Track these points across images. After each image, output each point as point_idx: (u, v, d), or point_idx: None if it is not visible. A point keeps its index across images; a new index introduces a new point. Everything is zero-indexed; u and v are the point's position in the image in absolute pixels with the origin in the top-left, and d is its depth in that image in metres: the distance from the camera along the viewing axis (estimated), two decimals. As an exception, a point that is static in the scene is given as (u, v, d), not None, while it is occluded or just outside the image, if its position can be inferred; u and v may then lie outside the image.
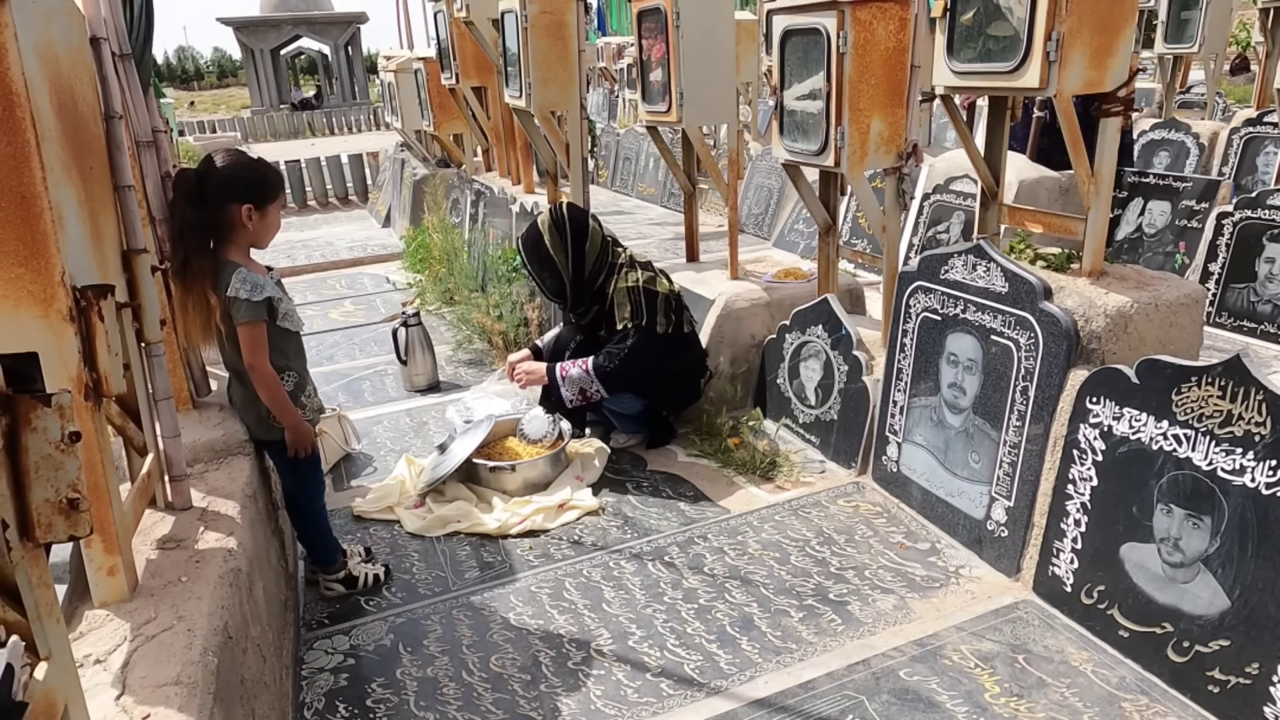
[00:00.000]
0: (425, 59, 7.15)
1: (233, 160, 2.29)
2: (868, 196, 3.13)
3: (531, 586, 2.66)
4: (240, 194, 2.24)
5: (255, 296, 2.24)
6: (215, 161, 2.27)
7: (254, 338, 2.27)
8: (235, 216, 2.25)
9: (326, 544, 2.62)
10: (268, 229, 2.35)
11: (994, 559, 2.59)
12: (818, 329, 3.40)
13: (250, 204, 2.26)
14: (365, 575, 2.65)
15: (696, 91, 3.60)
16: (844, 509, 2.99)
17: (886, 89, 2.95)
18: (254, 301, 2.24)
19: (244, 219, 2.26)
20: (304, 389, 2.46)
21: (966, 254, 2.62)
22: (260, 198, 2.28)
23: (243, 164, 2.30)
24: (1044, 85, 2.21)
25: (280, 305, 2.33)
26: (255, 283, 2.26)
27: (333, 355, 5.04)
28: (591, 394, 3.31)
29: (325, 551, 2.62)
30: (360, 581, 2.63)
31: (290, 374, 2.41)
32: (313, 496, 2.61)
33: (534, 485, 3.16)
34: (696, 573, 2.68)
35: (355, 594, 2.62)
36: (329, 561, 2.62)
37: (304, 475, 2.55)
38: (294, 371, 2.43)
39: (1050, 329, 2.36)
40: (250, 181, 2.28)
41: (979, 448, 2.65)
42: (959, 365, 2.70)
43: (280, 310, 2.34)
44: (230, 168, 2.26)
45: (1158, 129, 7.38)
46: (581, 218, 3.34)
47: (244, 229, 2.28)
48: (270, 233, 2.38)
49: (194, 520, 1.93)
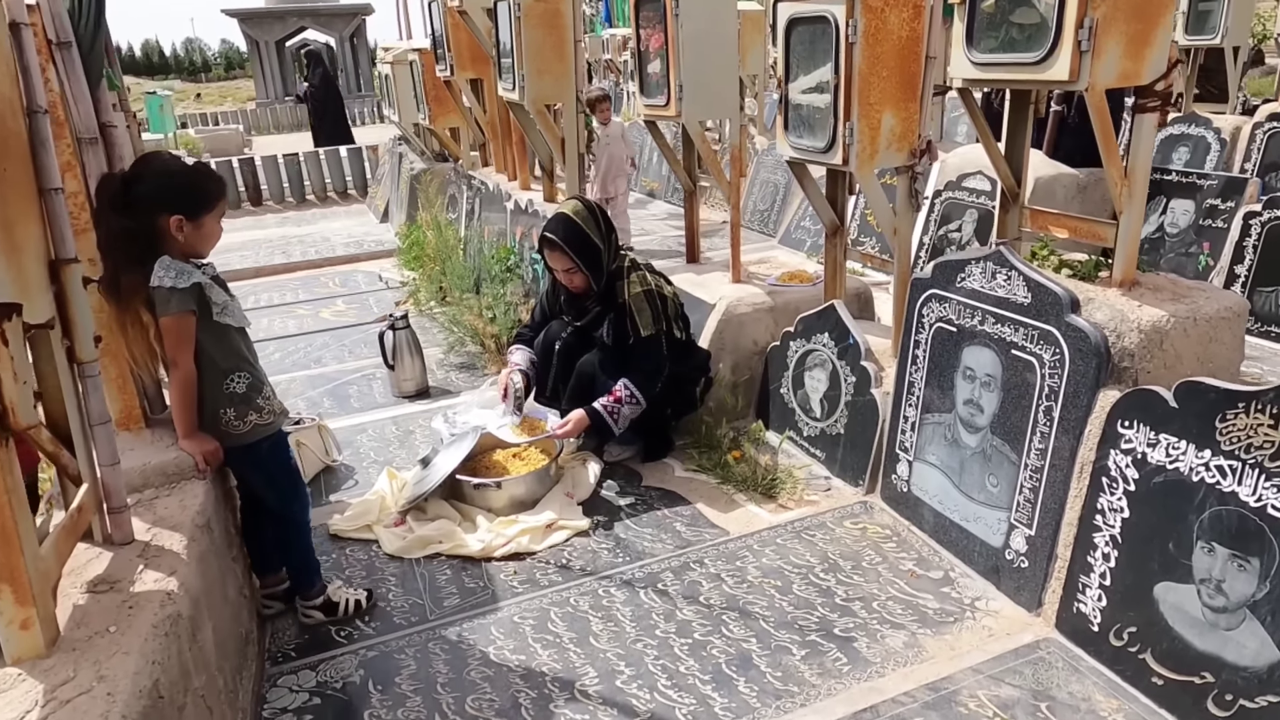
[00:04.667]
0: (421, 50, 6.96)
1: (164, 166, 2.10)
2: (878, 197, 2.93)
3: (514, 616, 2.47)
4: (169, 203, 2.04)
5: (181, 283, 2.04)
6: (146, 166, 2.09)
7: (177, 330, 2.07)
8: (164, 228, 2.05)
9: (308, 566, 2.45)
10: (203, 240, 2.14)
11: (1013, 591, 2.40)
12: (824, 336, 3.20)
13: (181, 215, 2.05)
14: (346, 601, 2.46)
15: (697, 85, 3.40)
16: (851, 531, 2.80)
17: (899, 81, 2.74)
18: (180, 289, 2.04)
19: (173, 231, 2.06)
20: (260, 390, 2.25)
21: (985, 261, 2.42)
22: (193, 208, 2.07)
23: (174, 170, 2.10)
24: (1074, 78, 2.01)
25: (212, 296, 2.12)
26: (180, 269, 2.06)
27: (320, 358, 4.86)
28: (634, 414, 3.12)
29: (306, 574, 2.44)
30: (341, 608, 2.45)
31: (241, 375, 2.20)
32: (298, 512, 2.43)
33: (521, 503, 2.98)
34: (691, 603, 2.49)
35: (334, 621, 2.44)
36: (308, 585, 2.44)
37: (282, 488, 2.37)
38: (244, 372, 2.21)
39: (1078, 345, 2.16)
40: (181, 190, 2.07)
41: (997, 470, 2.45)
42: (976, 381, 2.50)
43: (215, 303, 2.13)
44: (159, 175, 2.06)
45: (1177, 123, 7.13)
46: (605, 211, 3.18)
47: (174, 241, 2.08)
48: (208, 243, 2.18)
49: (134, 557, 1.76)
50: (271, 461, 2.30)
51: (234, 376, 2.19)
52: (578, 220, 3.06)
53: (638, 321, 3.06)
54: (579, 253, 3.04)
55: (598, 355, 3.14)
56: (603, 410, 3.02)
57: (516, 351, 3.39)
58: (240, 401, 2.21)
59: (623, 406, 3.03)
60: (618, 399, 3.03)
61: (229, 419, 2.20)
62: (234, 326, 2.20)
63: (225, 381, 2.19)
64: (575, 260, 3.04)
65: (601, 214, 3.12)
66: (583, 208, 3.10)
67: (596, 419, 3.02)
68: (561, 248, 3.03)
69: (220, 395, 2.19)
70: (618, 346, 3.11)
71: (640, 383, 3.04)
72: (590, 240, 3.05)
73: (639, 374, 3.06)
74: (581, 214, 3.08)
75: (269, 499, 2.35)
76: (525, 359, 3.37)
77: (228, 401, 2.19)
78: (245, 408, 2.22)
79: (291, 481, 2.38)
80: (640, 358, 3.08)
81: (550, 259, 3.10)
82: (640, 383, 3.04)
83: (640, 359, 3.08)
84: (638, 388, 3.04)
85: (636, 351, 3.07)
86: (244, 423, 2.22)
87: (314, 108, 13.31)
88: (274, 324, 5.60)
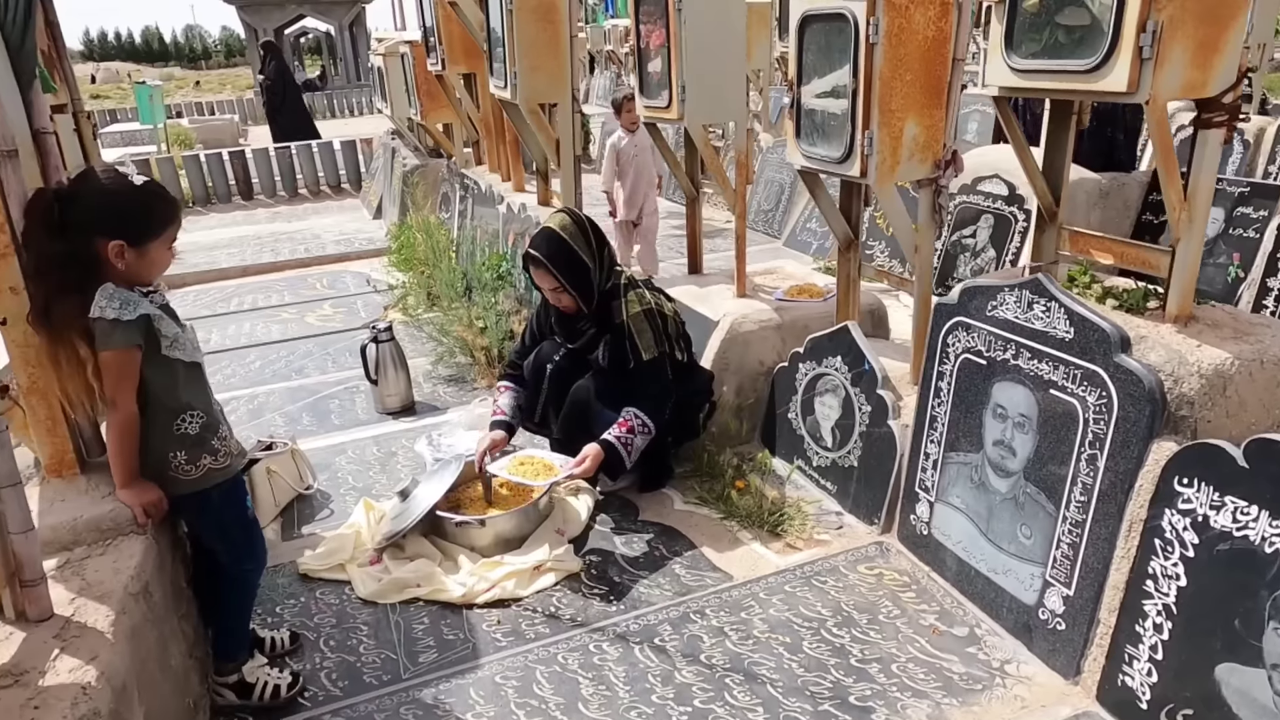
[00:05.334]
0: (412, 43, 6.69)
1: (103, 185, 1.83)
2: (899, 213, 2.68)
3: (496, 676, 2.24)
4: (107, 228, 1.79)
5: (126, 315, 1.80)
6: (84, 183, 1.84)
7: (119, 367, 1.83)
8: (102, 254, 1.80)
9: (237, 636, 2.17)
10: (149, 268, 1.90)
11: (1046, 654, 2.17)
12: (836, 360, 2.96)
13: (122, 240, 1.80)
14: (262, 684, 2.15)
15: (701, 85, 3.15)
16: (865, 578, 2.57)
17: (923, 86, 2.49)
18: (123, 322, 1.80)
19: (112, 257, 1.81)
20: (215, 430, 1.99)
21: (1020, 289, 2.18)
22: (136, 233, 1.82)
23: (115, 190, 1.83)
24: (1133, 89, 1.76)
25: (161, 328, 1.88)
26: (125, 299, 1.81)
27: (302, 367, 4.62)
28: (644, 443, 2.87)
29: (233, 643, 2.16)
30: (256, 691, 2.14)
31: (193, 415, 1.95)
32: (249, 571, 2.17)
33: (507, 541, 2.74)
34: (692, 662, 2.26)
35: (246, 706, 2.14)
36: (230, 657, 2.15)
37: (235, 541, 2.11)
38: (197, 411, 1.96)
39: (1128, 389, 1.92)
40: (123, 212, 1.82)
41: (1031, 520, 2.22)
42: (1008, 420, 2.26)
43: (164, 336, 1.88)
44: (98, 194, 1.81)
45: (1198, 124, 6.86)
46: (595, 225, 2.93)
47: (113, 269, 1.83)
48: (153, 272, 1.93)
49: (49, 638, 1.52)
50: (225, 510, 2.06)
51: (185, 416, 1.95)
52: (564, 235, 2.80)
53: (638, 344, 2.81)
54: (565, 272, 2.78)
55: (593, 381, 2.90)
56: (616, 442, 2.75)
57: (503, 394, 3.11)
58: (192, 444, 1.96)
59: (635, 437, 2.78)
60: (630, 429, 2.77)
61: (179, 463, 1.96)
62: (185, 361, 1.96)
63: (175, 422, 1.94)
64: (560, 280, 2.78)
65: (592, 228, 2.87)
66: (570, 222, 2.85)
67: (610, 452, 2.75)
68: (546, 266, 2.77)
69: (169, 437, 1.94)
70: (615, 370, 2.86)
71: (649, 410, 2.80)
72: (578, 258, 2.80)
73: (645, 400, 2.81)
74: (569, 229, 2.82)
75: (219, 553, 2.09)
76: (509, 405, 3.08)
77: (178, 444, 1.95)
78: (198, 450, 1.97)
79: (247, 535, 2.12)
80: (644, 383, 2.82)
81: (536, 277, 2.85)
82: (649, 410, 2.80)
83: (644, 384, 2.82)
84: (647, 414, 2.79)
85: (639, 377, 2.82)
86: (196, 467, 1.97)
87: (269, 101, 13.05)
88: (257, 329, 5.36)
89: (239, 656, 2.16)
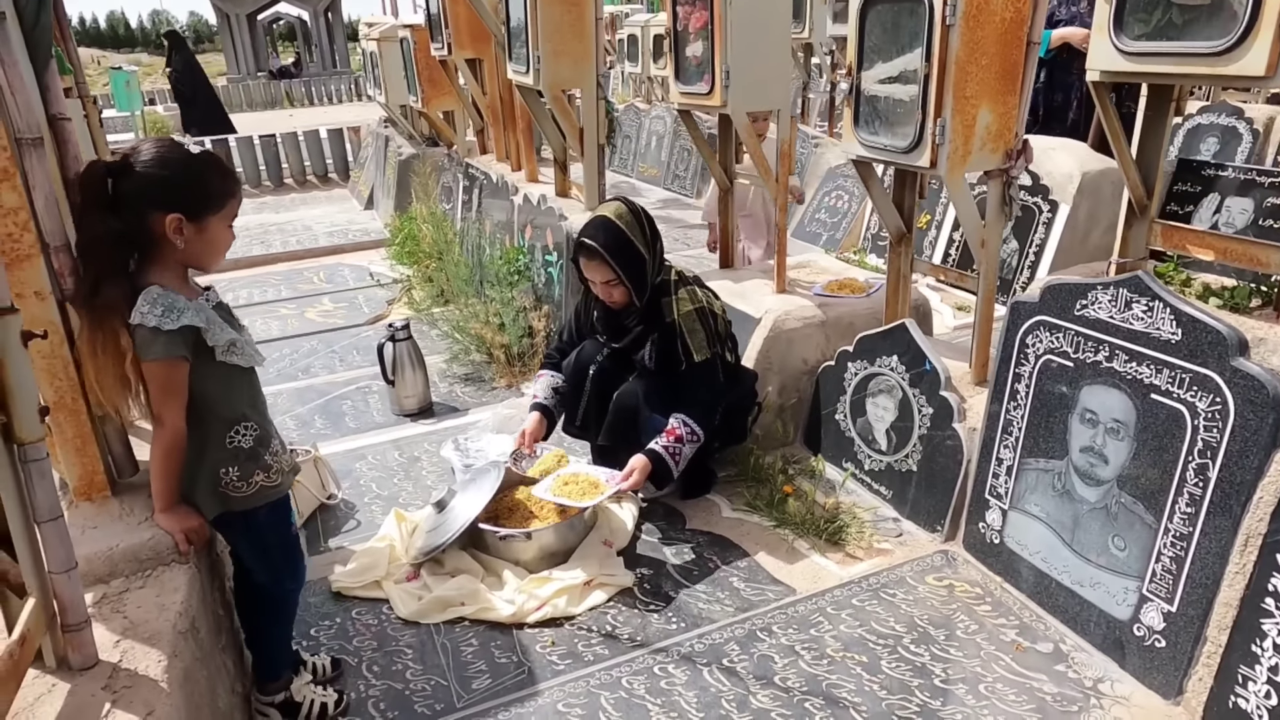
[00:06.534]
0: (413, 27, 6.45)
1: (160, 154, 1.67)
2: (967, 204, 2.55)
3: (559, 704, 2.09)
4: (164, 201, 1.64)
5: (167, 324, 1.63)
6: (137, 154, 1.66)
7: (164, 380, 1.66)
8: (159, 230, 1.65)
9: (283, 656, 2.02)
10: (209, 247, 1.73)
11: (1142, 672, 2.06)
12: (891, 359, 2.83)
13: (179, 214, 1.65)
14: (309, 702, 2.02)
15: (745, 71, 2.99)
16: (936, 590, 2.44)
17: (999, 71, 2.36)
18: (165, 331, 1.63)
19: (170, 233, 1.65)
20: (267, 445, 1.83)
21: (1117, 287, 2.05)
22: (194, 206, 1.67)
23: (172, 159, 1.67)
24: (1272, 72, 1.64)
25: (211, 337, 1.71)
26: (169, 304, 1.65)
27: (309, 366, 4.42)
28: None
29: (276, 666, 2.01)
30: (304, 711, 2.00)
31: (249, 427, 1.79)
32: (290, 591, 2.01)
33: (553, 554, 2.59)
34: (766, 685, 2.12)
35: None
36: (273, 677, 2.01)
37: (276, 562, 1.94)
38: (252, 423, 1.80)
39: (1248, 395, 1.80)
40: (179, 183, 1.66)
41: (1125, 532, 2.10)
42: (1099, 426, 2.14)
43: (218, 345, 1.72)
44: (154, 164, 1.64)
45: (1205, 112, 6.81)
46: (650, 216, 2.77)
47: (172, 246, 1.67)
48: (215, 252, 1.77)
49: (98, 689, 1.35)
50: (270, 530, 1.89)
51: (239, 428, 1.78)
52: (621, 225, 2.64)
53: (689, 344, 2.65)
54: (622, 263, 2.62)
55: (640, 384, 2.74)
56: (664, 453, 2.60)
57: (541, 378, 2.98)
58: (246, 459, 1.79)
59: (684, 445, 2.63)
60: (678, 437, 2.62)
61: (230, 480, 1.78)
62: (242, 368, 1.79)
63: (229, 434, 1.77)
64: (617, 271, 2.62)
65: (647, 219, 2.71)
66: (626, 210, 2.68)
67: (658, 463, 2.60)
68: (602, 255, 2.61)
69: (223, 451, 1.77)
70: (662, 372, 2.71)
71: (698, 416, 2.64)
72: (634, 248, 2.64)
73: (695, 406, 2.66)
74: (625, 217, 2.66)
75: (258, 573, 1.92)
76: (547, 389, 2.94)
77: (231, 459, 1.78)
78: (252, 466, 1.80)
79: (288, 554, 1.95)
80: (694, 386, 2.67)
81: (587, 269, 2.69)
82: (698, 416, 2.64)
83: (694, 388, 2.67)
84: (697, 423, 2.64)
85: (689, 379, 2.67)
86: (249, 484, 1.80)
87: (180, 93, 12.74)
88: (256, 326, 5.14)
89: (283, 674, 2.01)
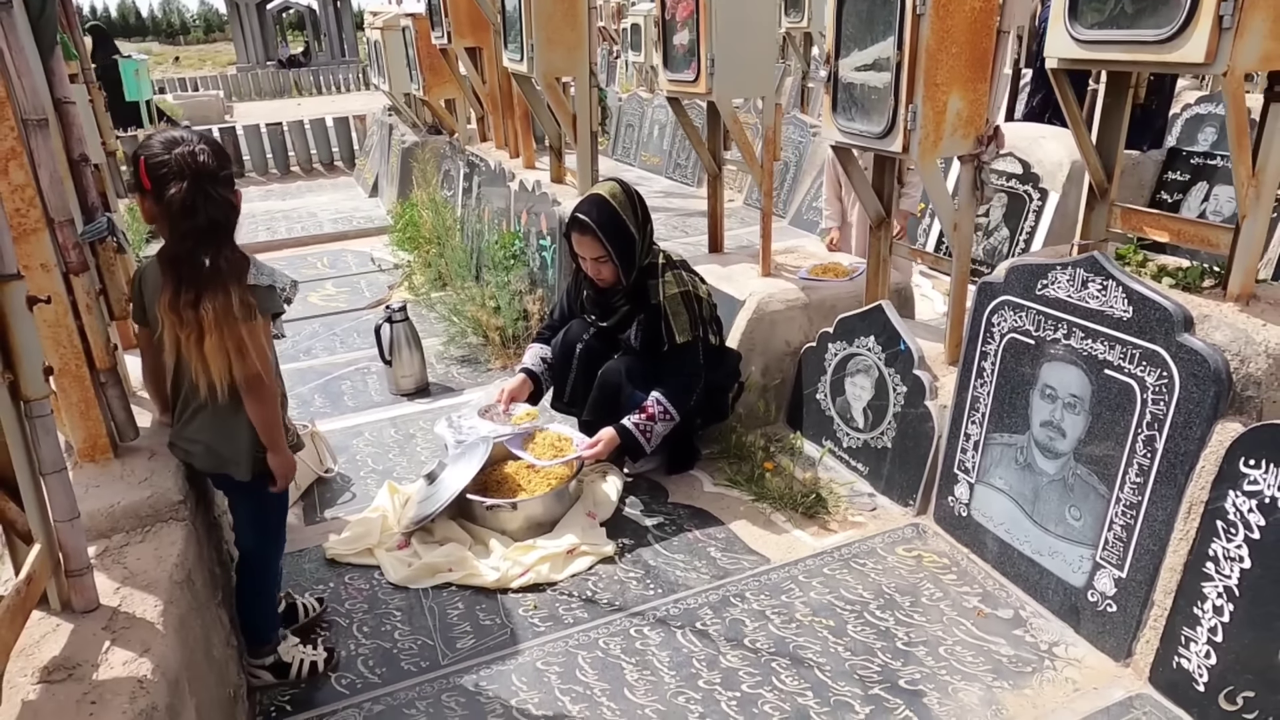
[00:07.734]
0: (414, 16, 6.54)
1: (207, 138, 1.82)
2: (940, 188, 2.63)
3: (538, 662, 2.20)
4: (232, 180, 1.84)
5: (264, 279, 1.83)
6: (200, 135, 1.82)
7: (267, 335, 1.86)
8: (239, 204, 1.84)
9: (269, 620, 2.13)
10: None
11: (1095, 635, 2.15)
12: (868, 340, 2.92)
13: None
14: (299, 662, 2.13)
15: (731, 59, 3.07)
16: (905, 560, 2.54)
17: (969, 59, 2.44)
18: (274, 288, 1.84)
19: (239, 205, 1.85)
20: (286, 409, 2.04)
21: (1074, 267, 2.13)
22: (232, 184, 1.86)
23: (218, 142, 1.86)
24: (1210, 60, 1.71)
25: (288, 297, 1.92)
26: (264, 269, 1.85)
27: (310, 348, 4.54)
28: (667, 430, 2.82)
29: (264, 630, 2.12)
30: (292, 670, 2.12)
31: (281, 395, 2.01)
32: (273, 556, 2.13)
33: (538, 524, 2.70)
34: (736, 646, 2.23)
35: (285, 684, 2.12)
36: (263, 641, 2.11)
37: (267, 528, 2.08)
38: (281, 391, 2.02)
39: (1192, 369, 1.89)
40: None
41: (1081, 502, 2.19)
42: (1057, 401, 2.23)
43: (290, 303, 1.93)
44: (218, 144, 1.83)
45: (1204, 102, 6.84)
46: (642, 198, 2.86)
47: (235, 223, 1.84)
48: None
49: (98, 630, 1.46)
50: (275, 496, 2.01)
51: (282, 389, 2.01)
52: (614, 203, 2.74)
53: (673, 326, 2.75)
54: (612, 239, 2.71)
55: (624, 362, 2.84)
56: (634, 429, 2.72)
57: (531, 349, 3.09)
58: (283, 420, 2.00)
59: (655, 424, 2.73)
60: (650, 415, 2.73)
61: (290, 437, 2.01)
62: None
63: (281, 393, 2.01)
64: (607, 247, 2.72)
65: (640, 201, 2.81)
66: (620, 190, 2.78)
67: (627, 438, 2.72)
68: (594, 231, 2.70)
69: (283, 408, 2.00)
70: (647, 352, 2.81)
71: (674, 396, 2.75)
72: (625, 227, 2.74)
73: (673, 386, 2.76)
74: (619, 197, 2.76)
75: (245, 538, 2.05)
76: (535, 357, 3.06)
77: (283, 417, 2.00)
78: None
79: (279, 522, 2.09)
80: (674, 367, 2.77)
81: (578, 244, 2.79)
82: (674, 396, 2.75)
83: (674, 368, 2.77)
84: (671, 402, 2.74)
85: (670, 360, 2.77)
86: None
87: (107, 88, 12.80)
88: (259, 309, 5.26)
89: (272, 638, 2.13)
